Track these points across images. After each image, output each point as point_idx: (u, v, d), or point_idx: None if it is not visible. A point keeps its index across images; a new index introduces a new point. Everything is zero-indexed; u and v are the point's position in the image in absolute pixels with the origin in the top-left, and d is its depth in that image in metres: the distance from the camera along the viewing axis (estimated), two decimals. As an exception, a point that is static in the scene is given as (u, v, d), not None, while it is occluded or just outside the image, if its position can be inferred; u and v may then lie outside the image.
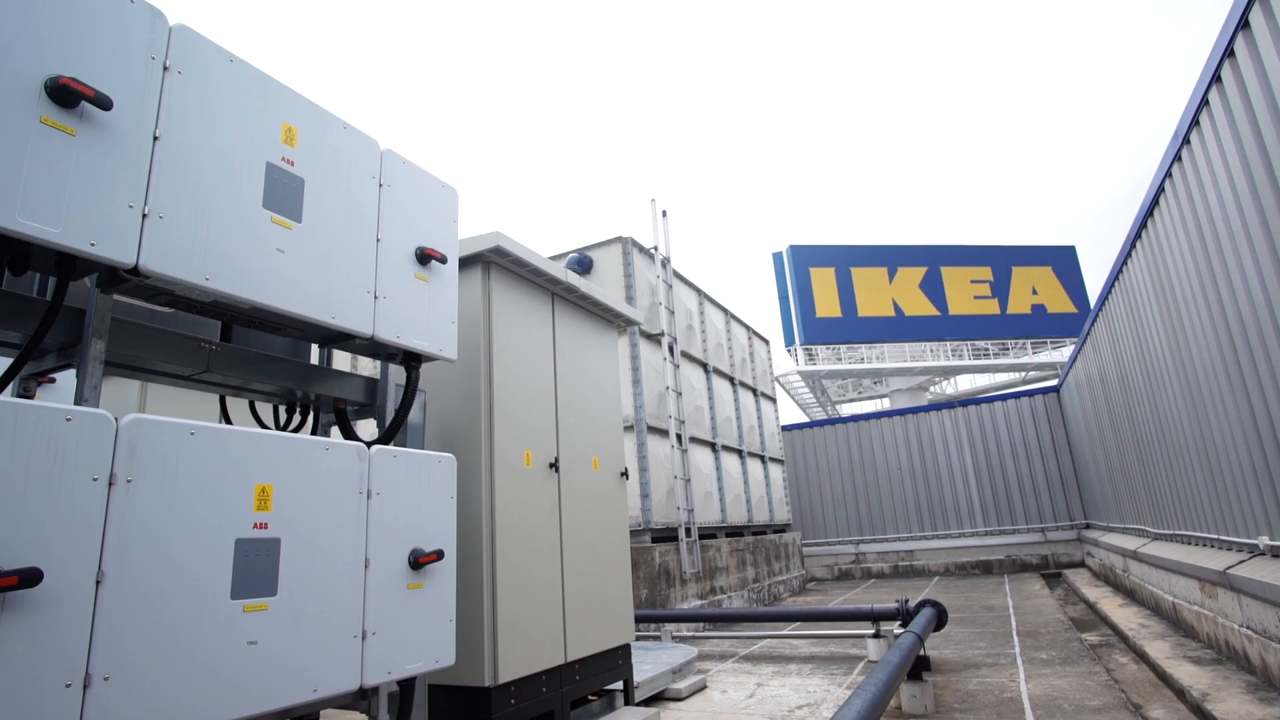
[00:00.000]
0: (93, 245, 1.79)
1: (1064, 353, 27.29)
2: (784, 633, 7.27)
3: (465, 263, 3.72)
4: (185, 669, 1.79)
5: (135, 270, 1.90)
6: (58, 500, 1.60)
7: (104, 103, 1.81)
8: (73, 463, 1.64)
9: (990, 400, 15.11)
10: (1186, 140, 4.95)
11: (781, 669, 5.79)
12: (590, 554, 4.17)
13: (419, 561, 2.52)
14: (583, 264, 9.46)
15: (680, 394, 9.47)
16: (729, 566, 10.10)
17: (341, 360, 8.99)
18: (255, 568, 2.00)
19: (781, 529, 13.16)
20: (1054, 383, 15.48)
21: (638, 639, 7.14)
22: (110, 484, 1.71)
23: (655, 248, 9.93)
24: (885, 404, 30.09)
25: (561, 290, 4.30)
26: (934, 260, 28.12)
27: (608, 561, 4.35)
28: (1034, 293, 28.10)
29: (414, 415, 3.08)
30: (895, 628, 5.85)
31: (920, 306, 27.54)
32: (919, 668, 4.35)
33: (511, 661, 3.37)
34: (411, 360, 2.89)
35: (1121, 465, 9.11)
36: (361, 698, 2.43)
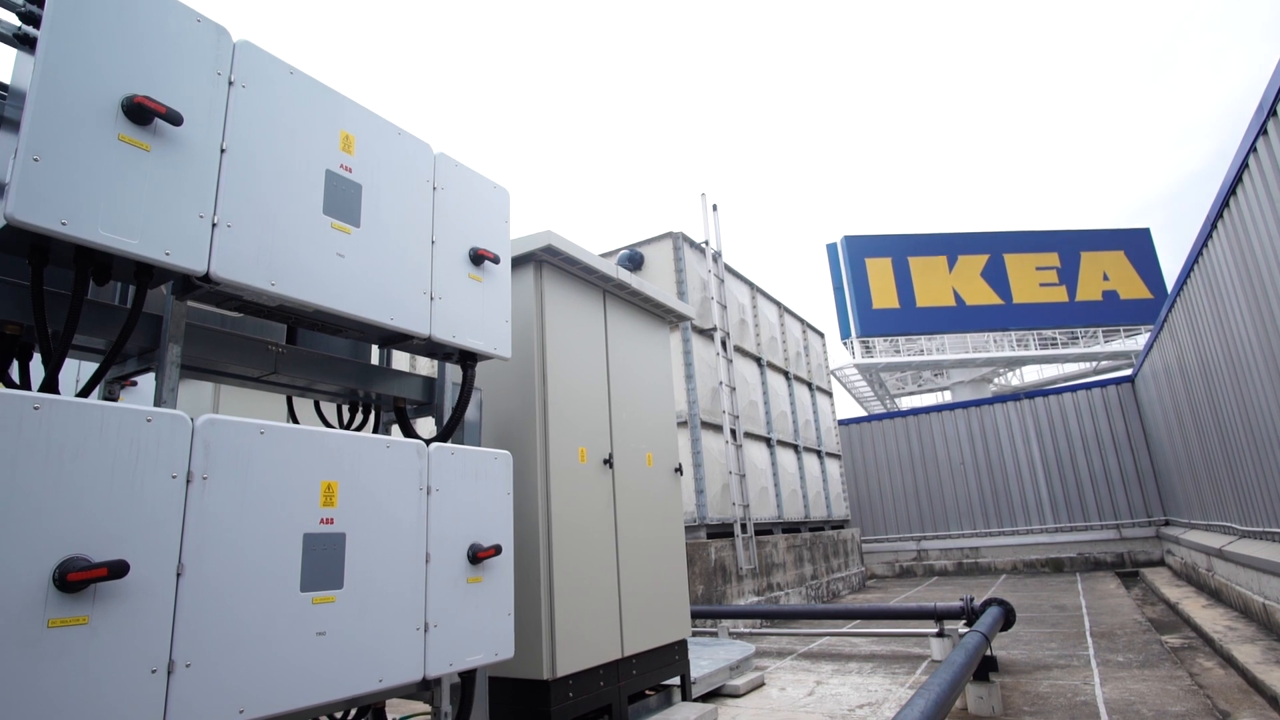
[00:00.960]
0: (168, 255, 1.88)
1: (1138, 341, 25.93)
2: (843, 630, 7.14)
3: (518, 262, 3.78)
4: (260, 657, 1.87)
5: (207, 277, 1.99)
6: (140, 496, 1.69)
7: (175, 119, 1.90)
8: (153, 461, 1.73)
9: (1059, 391, 14.47)
10: (1273, 112, 4.64)
11: (841, 667, 5.69)
12: (645, 549, 4.18)
13: (478, 556, 2.58)
14: (633, 260, 9.47)
15: (734, 389, 9.40)
16: (786, 563, 9.98)
17: (400, 360, 9.24)
18: (323, 561, 2.07)
19: (840, 525, 12.94)
20: (1128, 372, 14.77)
21: (694, 635, 7.14)
22: (188, 481, 1.80)
23: (706, 242, 9.87)
24: (946, 396, 29.20)
25: (613, 287, 4.32)
26: (996, 247, 27.07)
27: (663, 557, 4.35)
28: (1105, 278, 26.73)
29: (470, 413, 3.14)
30: (960, 627, 5.68)
31: (982, 295, 26.57)
32: (986, 668, 4.22)
33: (569, 655, 3.41)
34: (467, 359, 2.95)
35: (1204, 458, 8.62)
36: (425, 688, 2.49)
